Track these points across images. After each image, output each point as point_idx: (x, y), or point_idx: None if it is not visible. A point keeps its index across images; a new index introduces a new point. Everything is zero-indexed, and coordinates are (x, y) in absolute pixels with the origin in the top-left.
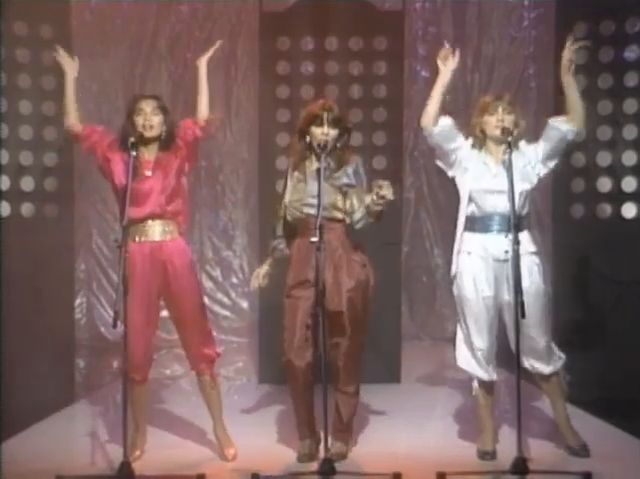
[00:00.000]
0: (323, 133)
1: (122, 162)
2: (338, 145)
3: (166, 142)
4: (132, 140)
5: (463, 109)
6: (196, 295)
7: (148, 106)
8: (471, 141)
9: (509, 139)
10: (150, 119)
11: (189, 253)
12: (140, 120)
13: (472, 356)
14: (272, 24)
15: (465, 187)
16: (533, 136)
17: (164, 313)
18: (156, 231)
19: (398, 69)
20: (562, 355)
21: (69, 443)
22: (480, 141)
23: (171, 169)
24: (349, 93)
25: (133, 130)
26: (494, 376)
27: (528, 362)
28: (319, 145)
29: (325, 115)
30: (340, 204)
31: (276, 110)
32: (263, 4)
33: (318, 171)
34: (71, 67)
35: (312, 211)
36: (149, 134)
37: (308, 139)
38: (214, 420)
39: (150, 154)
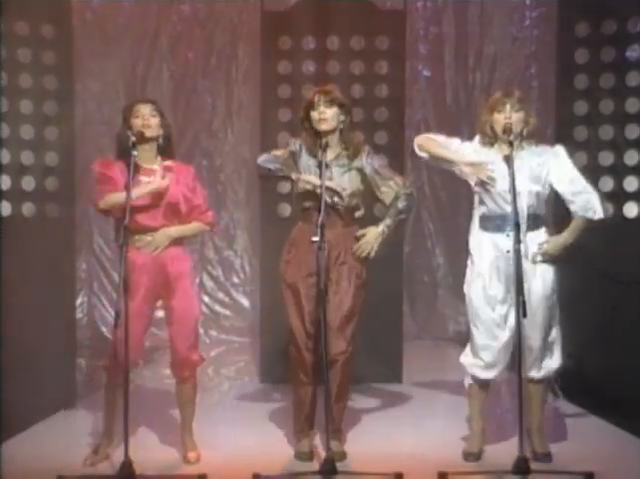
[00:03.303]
0: (319, 113)
1: (120, 173)
2: (341, 126)
3: (165, 147)
4: (133, 139)
5: (464, 108)
6: (192, 303)
7: (145, 108)
8: (478, 138)
9: (511, 137)
10: (148, 119)
11: (189, 261)
12: (138, 121)
13: (471, 352)
14: (274, 23)
15: (475, 186)
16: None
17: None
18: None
19: (399, 68)
20: (559, 362)
21: (69, 443)
22: (491, 139)
23: (175, 188)
24: (350, 92)
25: (131, 132)
26: (490, 376)
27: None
28: (320, 141)
29: (317, 97)
30: (361, 190)
31: (278, 109)
32: (265, 3)
33: (320, 165)
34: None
35: (327, 198)
36: (148, 133)
37: (311, 128)
38: (185, 425)
39: (149, 162)
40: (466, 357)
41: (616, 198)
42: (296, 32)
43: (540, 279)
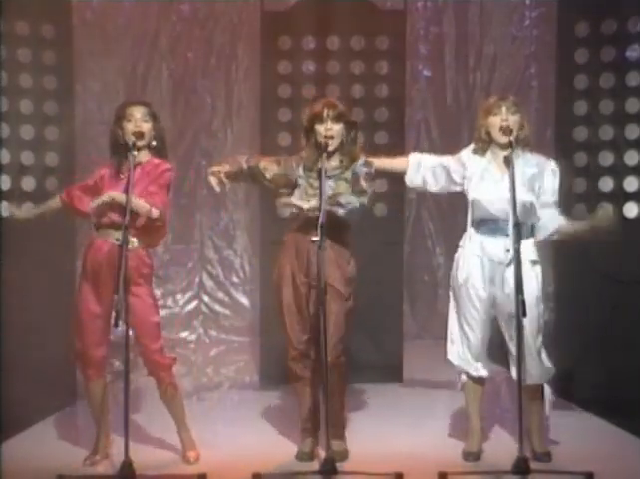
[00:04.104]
0: (326, 128)
1: (109, 175)
2: (345, 140)
3: (157, 149)
4: (132, 139)
5: (464, 108)
6: (150, 307)
7: (137, 112)
8: (472, 146)
9: (512, 138)
10: (139, 124)
11: (149, 264)
12: (129, 125)
13: (461, 351)
14: (274, 23)
15: (469, 192)
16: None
17: (163, 314)
18: (119, 236)
19: (399, 68)
20: (552, 369)
21: (69, 443)
22: (486, 144)
23: (142, 182)
24: (350, 92)
25: (121, 133)
26: (483, 373)
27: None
28: (320, 145)
29: (326, 111)
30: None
31: (278, 109)
32: (265, 3)
33: (319, 171)
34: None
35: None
36: (139, 142)
37: (313, 139)
38: (178, 424)
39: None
40: (454, 356)
41: (616, 198)
42: (296, 32)
43: (528, 285)
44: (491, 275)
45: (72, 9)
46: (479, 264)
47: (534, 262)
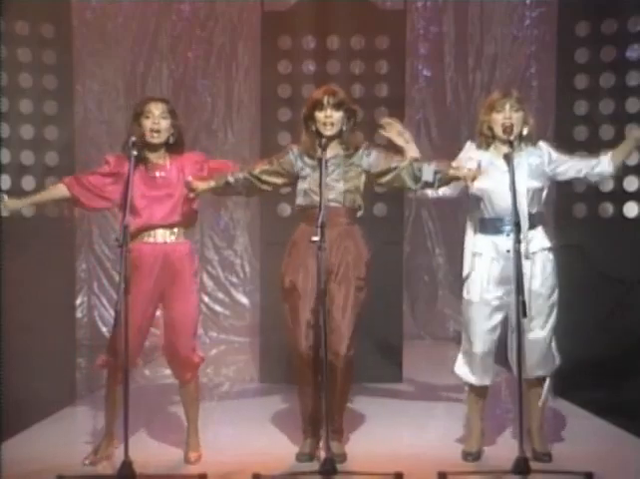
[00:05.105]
0: (326, 116)
1: (139, 176)
2: (344, 128)
3: (175, 146)
4: (133, 139)
5: (464, 108)
6: (194, 304)
7: (157, 109)
8: (475, 141)
9: (511, 137)
10: (158, 122)
11: (196, 259)
12: (148, 123)
13: (466, 361)
14: (274, 23)
15: (473, 187)
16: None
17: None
18: (166, 235)
19: (399, 68)
20: (558, 360)
21: (69, 443)
22: (488, 139)
23: (183, 178)
24: (350, 92)
25: (140, 132)
26: (487, 382)
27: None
28: (321, 140)
29: (326, 98)
30: (361, 188)
31: (278, 109)
32: (265, 3)
33: (320, 162)
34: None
35: (331, 196)
36: (156, 140)
37: (314, 127)
38: (190, 425)
39: (159, 157)
40: (460, 368)
41: (617, 197)
42: (296, 31)
43: (540, 279)
44: (508, 272)
45: (72, 9)
46: (495, 266)
47: (549, 249)
